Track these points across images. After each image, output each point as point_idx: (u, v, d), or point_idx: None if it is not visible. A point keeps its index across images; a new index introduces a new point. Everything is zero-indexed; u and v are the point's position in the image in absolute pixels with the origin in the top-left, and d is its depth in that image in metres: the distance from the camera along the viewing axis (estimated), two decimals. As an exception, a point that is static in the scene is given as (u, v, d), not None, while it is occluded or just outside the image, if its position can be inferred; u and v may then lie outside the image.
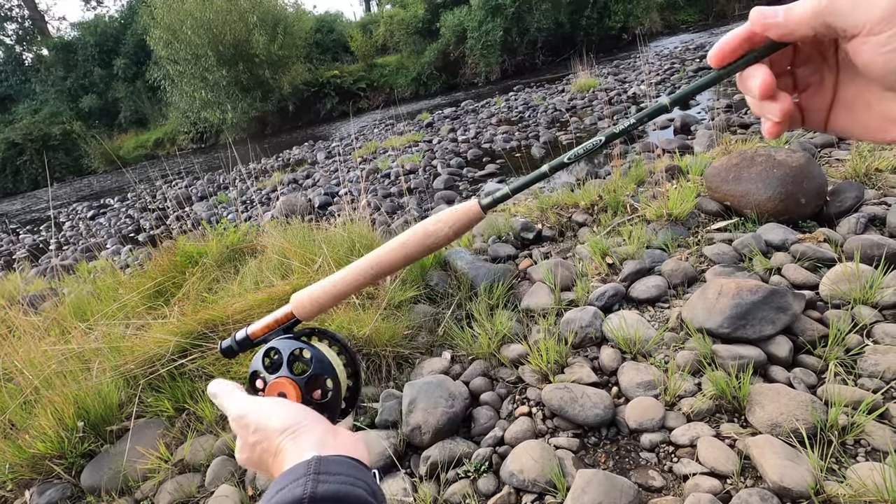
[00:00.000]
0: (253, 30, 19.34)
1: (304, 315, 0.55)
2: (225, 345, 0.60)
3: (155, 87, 23.19)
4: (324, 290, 0.54)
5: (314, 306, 0.55)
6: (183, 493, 1.73)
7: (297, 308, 0.55)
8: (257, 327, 0.57)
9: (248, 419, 0.50)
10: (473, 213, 0.50)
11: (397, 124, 11.44)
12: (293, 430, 0.47)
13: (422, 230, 0.51)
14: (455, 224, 0.50)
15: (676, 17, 20.50)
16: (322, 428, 0.49)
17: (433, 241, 0.51)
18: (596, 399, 1.69)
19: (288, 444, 0.47)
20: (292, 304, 0.55)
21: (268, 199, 7.15)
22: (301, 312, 0.55)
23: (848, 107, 0.40)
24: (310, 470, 0.41)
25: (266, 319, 0.57)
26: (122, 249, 6.34)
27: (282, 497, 0.39)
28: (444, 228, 0.50)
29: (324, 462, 0.42)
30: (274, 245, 2.92)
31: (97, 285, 3.35)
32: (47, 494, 1.79)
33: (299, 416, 0.49)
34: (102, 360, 2.19)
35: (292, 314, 0.56)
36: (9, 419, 1.99)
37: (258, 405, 0.51)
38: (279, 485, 0.41)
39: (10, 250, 8.45)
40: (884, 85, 0.35)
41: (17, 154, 24.01)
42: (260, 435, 0.49)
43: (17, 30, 29.94)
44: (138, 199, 10.55)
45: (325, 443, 0.47)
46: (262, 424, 0.49)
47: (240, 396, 0.53)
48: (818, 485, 1.28)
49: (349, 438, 0.50)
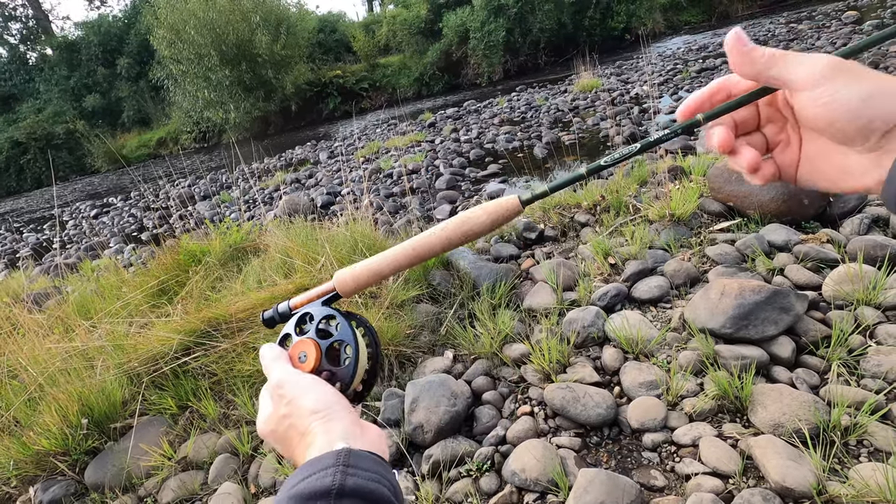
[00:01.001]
0: (256, 30, 19.38)
1: (344, 290, 0.58)
2: (267, 315, 0.62)
3: (158, 86, 23.24)
4: (366, 267, 0.57)
5: (355, 282, 0.57)
6: (186, 490, 1.74)
7: (338, 283, 0.58)
8: (299, 300, 0.60)
9: (285, 389, 0.50)
10: (512, 206, 0.52)
11: (400, 124, 11.45)
12: (324, 415, 0.47)
13: (462, 217, 0.53)
14: (494, 215, 0.52)
15: (679, 17, 20.46)
16: (351, 419, 0.49)
17: (471, 228, 0.53)
18: (598, 399, 1.69)
19: (318, 426, 0.47)
20: (335, 280, 0.58)
21: (270, 198, 7.16)
22: (342, 288, 0.58)
23: (811, 161, 0.43)
24: (339, 461, 0.41)
25: (309, 293, 0.60)
26: (126, 248, 6.36)
27: (310, 484, 0.40)
28: (483, 217, 0.52)
29: (353, 455, 0.42)
30: (277, 244, 2.93)
31: (101, 284, 3.37)
32: (51, 491, 1.80)
33: (332, 401, 0.49)
34: (106, 357, 2.20)
35: (334, 289, 0.58)
36: (13, 416, 2.00)
37: (298, 379, 0.51)
38: (307, 471, 0.41)
39: (14, 249, 8.48)
40: (830, 137, 0.39)
41: (20, 153, 24.11)
42: (291, 409, 0.49)
43: (21, 29, 30.08)
44: (141, 198, 10.58)
45: (354, 434, 0.47)
46: (296, 399, 0.49)
47: (285, 366, 0.54)
48: (820, 485, 1.28)
49: (374, 433, 0.50)
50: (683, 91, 7.73)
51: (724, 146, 0.42)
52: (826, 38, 8.89)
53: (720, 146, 0.42)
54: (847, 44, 7.72)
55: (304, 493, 0.39)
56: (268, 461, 1.73)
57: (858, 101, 0.36)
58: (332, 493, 0.39)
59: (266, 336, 2.19)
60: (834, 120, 0.37)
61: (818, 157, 0.42)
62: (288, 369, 0.53)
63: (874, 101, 0.35)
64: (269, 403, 0.51)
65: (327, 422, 0.47)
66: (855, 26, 9.53)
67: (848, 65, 0.37)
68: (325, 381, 0.52)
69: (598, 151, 5.90)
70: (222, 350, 2.18)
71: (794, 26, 11.69)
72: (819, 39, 9.02)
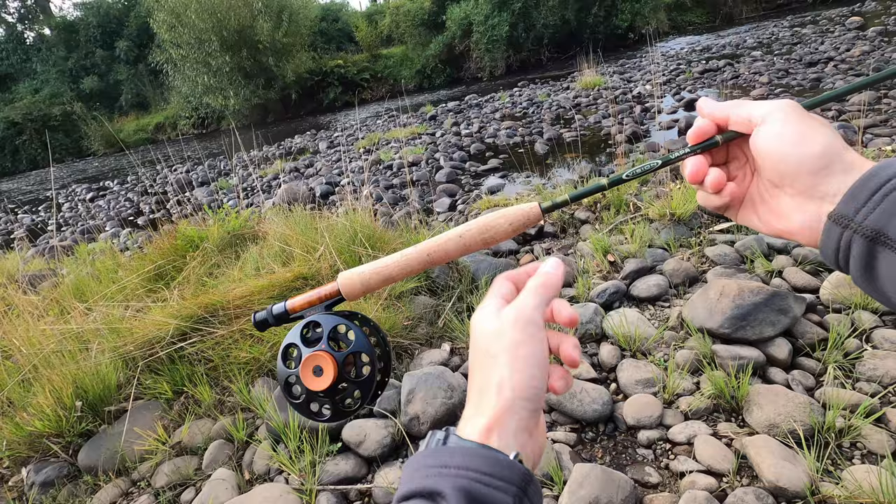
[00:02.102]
0: (258, 16, 19.22)
1: (350, 294, 0.53)
2: (259, 317, 0.56)
3: (157, 70, 23.05)
4: (375, 270, 0.53)
5: (362, 286, 0.53)
6: (180, 475, 1.74)
7: (343, 286, 0.53)
8: (297, 302, 0.54)
9: (509, 335, 0.41)
10: (533, 213, 0.50)
11: (400, 116, 11.40)
12: (511, 400, 0.39)
13: (482, 222, 0.51)
14: (514, 221, 0.50)
15: (684, 17, 20.41)
16: (527, 418, 0.40)
17: (491, 234, 0.51)
18: (595, 395, 1.70)
19: (499, 402, 0.39)
20: (339, 281, 0.53)
21: (269, 186, 7.13)
22: (349, 290, 0.53)
23: (752, 200, 0.47)
24: (522, 483, 0.35)
25: (308, 295, 0.54)
26: (122, 232, 6.32)
27: (492, 494, 0.34)
28: (505, 225, 0.50)
29: (533, 485, 0.36)
30: (275, 232, 2.91)
31: (97, 267, 3.35)
32: (44, 472, 1.80)
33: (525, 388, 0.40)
34: (101, 340, 2.19)
35: (338, 292, 0.53)
36: (7, 396, 1.99)
37: (533, 336, 0.41)
38: (485, 467, 0.35)
39: (9, 230, 8.42)
40: (771, 176, 0.43)
41: (16, 134, 23.89)
42: (498, 359, 0.41)
43: (19, 8, 29.65)
44: (138, 182, 10.51)
45: (524, 440, 0.39)
46: (503, 358, 0.40)
47: (541, 307, 0.43)
48: (814, 485, 1.29)
49: (541, 442, 0.42)
50: (686, 91, 7.72)
51: (695, 176, 0.47)
52: (829, 43, 8.89)
53: (692, 175, 0.47)
54: (849, 49, 7.73)
55: (479, 499, 0.34)
56: (262, 448, 1.73)
57: (796, 137, 0.40)
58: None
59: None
60: (777, 152, 0.41)
61: (759, 196, 0.46)
62: (540, 309, 0.43)
63: (807, 140, 0.39)
64: (500, 321, 0.42)
65: (507, 412, 0.39)
66: (859, 32, 9.53)
67: (799, 108, 0.42)
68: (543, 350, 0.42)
69: (599, 149, 5.90)
70: (219, 336, 2.17)
71: (798, 30, 11.68)
72: (823, 44, 9.03)
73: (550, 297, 0.44)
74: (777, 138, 0.41)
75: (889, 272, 0.35)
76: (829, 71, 6.88)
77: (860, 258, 0.36)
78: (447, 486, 0.34)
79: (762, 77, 7.38)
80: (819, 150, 0.39)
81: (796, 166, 0.40)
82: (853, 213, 0.36)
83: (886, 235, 0.34)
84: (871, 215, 0.35)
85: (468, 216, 3.94)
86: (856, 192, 0.37)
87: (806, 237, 0.42)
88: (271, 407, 1.80)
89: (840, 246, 0.38)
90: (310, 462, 1.62)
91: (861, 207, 0.36)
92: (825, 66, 7.25)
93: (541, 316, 0.42)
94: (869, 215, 0.36)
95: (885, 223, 0.35)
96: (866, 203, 0.36)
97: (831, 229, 0.38)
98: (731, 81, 7.75)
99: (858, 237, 0.36)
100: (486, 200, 3.90)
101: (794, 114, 0.41)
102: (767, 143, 0.41)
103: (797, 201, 0.41)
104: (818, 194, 0.40)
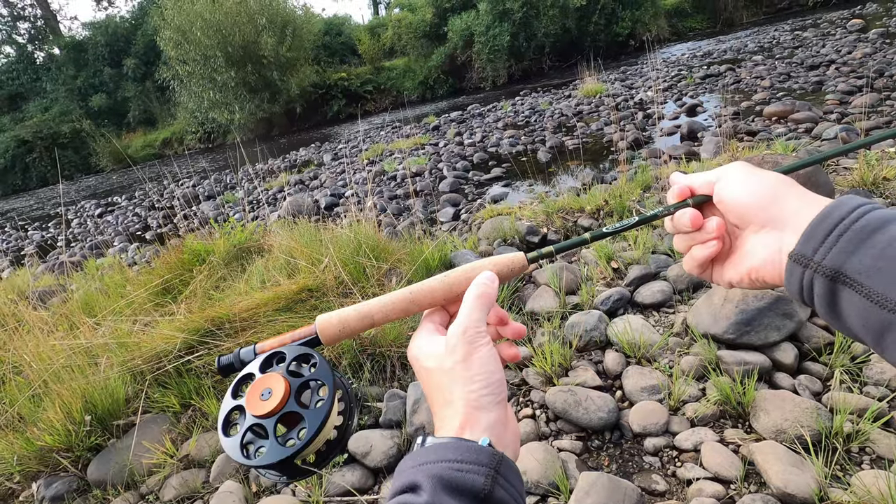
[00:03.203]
0: (262, 31, 19.49)
1: (327, 335, 0.49)
2: (224, 361, 0.50)
3: (164, 86, 23.39)
4: (357, 311, 0.50)
5: (342, 326, 0.50)
6: (188, 488, 1.75)
7: (321, 327, 0.50)
8: (268, 344, 0.50)
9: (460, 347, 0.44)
10: (518, 261, 0.52)
11: (404, 127, 11.49)
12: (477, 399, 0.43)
13: (467, 269, 0.51)
14: (499, 265, 0.51)
15: (684, 24, 20.50)
16: (503, 409, 0.44)
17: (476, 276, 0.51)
18: (600, 402, 1.69)
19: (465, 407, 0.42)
20: (317, 323, 0.50)
21: (274, 199, 7.19)
22: (326, 332, 0.49)
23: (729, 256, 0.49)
24: (493, 463, 0.38)
25: (281, 337, 0.51)
26: (130, 247, 6.39)
27: (459, 476, 0.37)
28: (490, 269, 0.51)
29: (504, 464, 0.39)
30: (281, 244, 2.94)
31: (105, 282, 3.39)
32: (54, 487, 1.81)
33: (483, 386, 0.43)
34: (110, 355, 2.21)
35: (314, 333, 0.50)
36: (17, 412, 2.01)
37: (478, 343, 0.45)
38: (457, 455, 0.38)
39: (20, 246, 8.53)
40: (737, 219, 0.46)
41: (26, 151, 24.25)
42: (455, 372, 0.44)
43: (29, 29, 30.29)
44: (146, 197, 10.63)
45: (500, 433, 0.43)
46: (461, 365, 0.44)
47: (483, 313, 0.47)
48: (822, 492, 1.27)
49: (516, 433, 0.46)
50: (687, 97, 7.74)
51: (695, 222, 0.49)
52: (831, 46, 8.89)
53: (693, 222, 0.49)
54: (851, 52, 7.72)
55: (453, 483, 0.37)
56: (269, 460, 1.74)
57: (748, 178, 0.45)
58: (480, 496, 0.36)
59: (268, 335, 2.19)
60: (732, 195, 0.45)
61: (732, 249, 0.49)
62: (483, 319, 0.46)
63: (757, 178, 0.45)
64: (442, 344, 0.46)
65: (476, 409, 0.42)
66: (860, 34, 9.53)
67: (749, 165, 0.47)
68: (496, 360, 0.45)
69: (601, 156, 5.91)
70: (225, 349, 2.19)
71: (800, 34, 11.70)
72: (824, 47, 9.03)
73: (489, 306, 0.47)
74: (732, 185, 0.46)
75: (851, 310, 0.35)
76: (831, 74, 6.88)
77: (823, 297, 0.37)
78: (423, 478, 0.37)
79: (764, 81, 7.38)
80: (768, 185, 0.43)
81: (748, 202, 0.44)
82: (811, 253, 0.38)
83: (845, 275, 0.35)
84: (828, 255, 0.36)
85: (472, 226, 3.95)
86: (813, 232, 0.38)
87: (769, 272, 0.43)
88: (278, 419, 1.80)
89: (803, 286, 0.39)
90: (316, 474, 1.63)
91: (818, 247, 0.37)
92: (827, 69, 7.26)
93: (483, 324, 0.46)
94: (827, 254, 0.36)
95: (843, 262, 0.36)
96: (823, 242, 0.37)
97: (793, 269, 0.39)
98: (733, 86, 7.76)
99: (819, 277, 0.37)
100: (489, 209, 3.92)
101: (745, 166, 0.47)
102: (724, 192, 0.46)
103: (759, 237, 0.44)
104: (776, 224, 0.42)
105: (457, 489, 0.36)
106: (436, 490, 0.36)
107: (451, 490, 0.36)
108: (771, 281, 0.44)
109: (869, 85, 5.57)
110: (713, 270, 0.51)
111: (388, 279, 2.54)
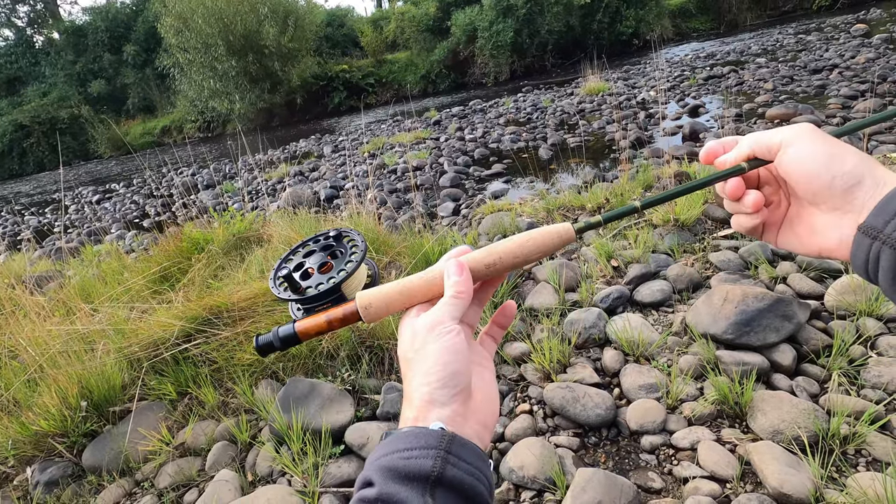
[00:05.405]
0: (263, 21, 19.37)
1: (369, 314, 0.49)
2: (263, 340, 0.51)
3: (164, 74, 23.24)
4: (400, 288, 0.49)
5: (387, 307, 0.49)
6: (183, 475, 1.74)
7: (362, 305, 0.49)
8: (308, 324, 0.50)
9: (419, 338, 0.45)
10: (565, 231, 0.50)
11: (405, 121, 11.45)
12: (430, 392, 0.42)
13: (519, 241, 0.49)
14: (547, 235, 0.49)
15: (688, 24, 20.45)
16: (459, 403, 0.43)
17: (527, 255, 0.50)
18: (598, 399, 1.69)
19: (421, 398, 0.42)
20: (357, 301, 0.49)
21: (274, 189, 7.16)
22: (368, 312, 0.49)
23: (791, 223, 0.48)
24: (442, 445, 0.38)
25: (319, 317, 0.50)
26: (127, 234, 6.36)
27: (408, 462, 0.37)
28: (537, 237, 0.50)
29: (456, 443, 0.39)
30: (280, 234, 2.93)
31: (102, 268, 3.37)
32: (48, 472, 1.81)
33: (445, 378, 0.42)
34: (107, 341, 2.20)
35: (356, 312, 0.49)
36: (13, 396, 2.01)
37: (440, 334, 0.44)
38: (405, 443, 0.38)
39: (17, 231, 8.48)
40: (804, 194, 0.44)
41: (24, 136, 24.13)
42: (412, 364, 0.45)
43: (28, 12, 30.03)
44: (144, 184, 10.58)
45: (460, 424, 0.42)
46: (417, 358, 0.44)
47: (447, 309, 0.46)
48: (818, 492, 1.28)
49: (485, 423, 0.45)
50: (690, 98, 7.73)
51: (734, 193, 0.48)
52: (834, 50, 8.89)
53: (731, 193, 0.48)
54: (854, 56, 7.72)
55: (401, 471, 0.37)
56: (265, 450, 1.74)
57: (826, 156, 0.41)
58: (429, 479, 0.36)
59: (266, 325, 2.19)
60: (807, 172, 0.42)
61: (796, 218, 0.47)
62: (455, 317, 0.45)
63: (837, 158, 0.40)
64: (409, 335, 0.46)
65: (428, 404, 0.42)
66: (864, 39, 9.53)
67: (818, 130, 0.43)
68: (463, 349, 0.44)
69: (603, 155, 5.90)
70: (223, 338, 2.18)
71: (803, 37, 11.68)
72: (827, 51, 9.03)
73: (465, 304, 0.47)
74: (806, 159, 0.42)
75: None
76: (834, 78, 6.88)
77: (889, 270, 0.36)
78: (374, 472, 0.38)
79: (767, 84, 7.38)
80: (850, 168, 0.40)
81: (829, 183, 0.41)
82: (882, 225, 0.37)
83: None
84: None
85: (472, 221, 3.95)
86: (886, 205, 0.37)
87: (842, 253, 0.42)
88: (275, 409, 1.80)
89: (869, 257, 0.38)
90: (312, 464, 1.63)
91: (890, 219, 0.36)
92: (830, 73, 7.25)
93: (453, 320, 0.45)
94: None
95: None
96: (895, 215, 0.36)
97: (861, 240, 0.39)
98: (736, 88, 7.75)
99: (887, 248, 0.36)
100: (489, 205, 3.91)
101: (818, 135, 0.42)
102: (797, 165, 0.42)
103: (832, 217, 0.42)
104: (853, 209, 0.40)
105: (406, 476, 0.36)
106: (385, 481, 0.37)
107: (400, 478, 0.36)
108: (842, 259, 0.43)
109: (872, 90, 5.57)
110: (765, 232, 0.49)
111: (388, 272, 2.53)
